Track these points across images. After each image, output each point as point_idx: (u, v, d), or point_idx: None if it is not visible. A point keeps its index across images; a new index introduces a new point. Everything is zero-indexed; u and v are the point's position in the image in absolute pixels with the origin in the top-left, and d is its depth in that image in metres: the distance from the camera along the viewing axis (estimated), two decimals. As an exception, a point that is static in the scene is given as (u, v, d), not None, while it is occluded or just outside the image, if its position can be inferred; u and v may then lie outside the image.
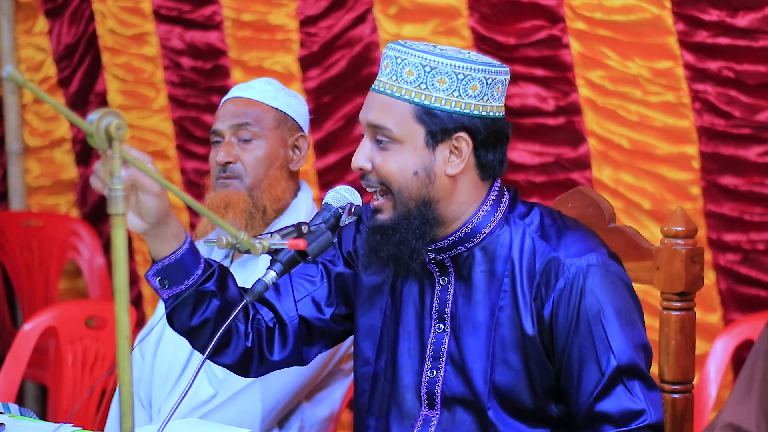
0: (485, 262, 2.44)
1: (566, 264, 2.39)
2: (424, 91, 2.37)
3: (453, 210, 2.43)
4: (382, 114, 2.39)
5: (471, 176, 2.43)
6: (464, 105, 2.38)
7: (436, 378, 2.48)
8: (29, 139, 5.30)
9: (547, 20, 3.98)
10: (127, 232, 1.86)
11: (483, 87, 2.39)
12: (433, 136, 2.38)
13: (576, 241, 2.42)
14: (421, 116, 2.38)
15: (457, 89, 2.37)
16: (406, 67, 2.38)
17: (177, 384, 3.10)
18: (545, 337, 2.41)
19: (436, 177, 2.40)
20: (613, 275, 2.41)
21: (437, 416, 2.49)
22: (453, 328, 2.47)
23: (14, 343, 3.67)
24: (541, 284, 2.40)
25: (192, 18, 4.69)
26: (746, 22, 3.66)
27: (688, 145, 3.83)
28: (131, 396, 1.86)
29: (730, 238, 3.82)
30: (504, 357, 2.42)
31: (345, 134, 4.44)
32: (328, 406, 3.16)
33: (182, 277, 2.37)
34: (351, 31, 4.37)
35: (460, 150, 2.40)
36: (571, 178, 4.03)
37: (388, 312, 2.55)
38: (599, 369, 2.37)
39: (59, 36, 5.10)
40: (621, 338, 2.37)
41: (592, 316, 2.37)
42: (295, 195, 3.19)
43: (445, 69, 2.37)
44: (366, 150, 2.42)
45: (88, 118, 1.84)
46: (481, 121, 2.39)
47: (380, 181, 2.41)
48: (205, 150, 4.68)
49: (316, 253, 2.36)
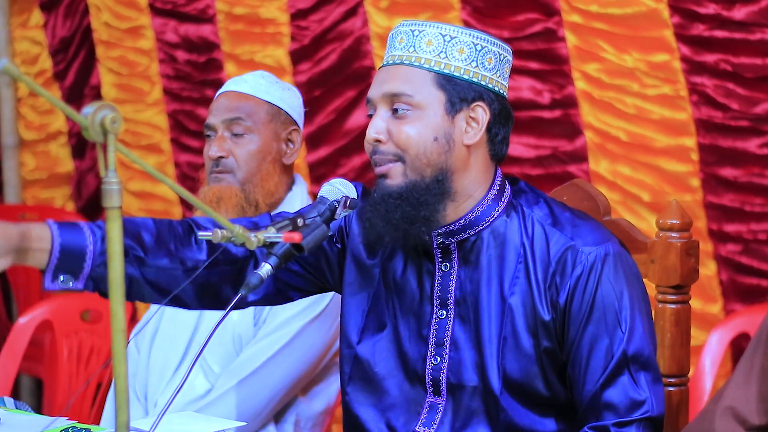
0: (494, 246, 2.44)
1: (584, 252, 2.39)
2: (443, 60, 2.39)
3: (465, 185, 2.43)
4: (400, 82, 2.40)
5: (483, 152, 2.44)
6: (481, 77, 2.41)
7: (440, 365, 2.48)
8: (24, 132, 5.30)
9: (542, 13, 3.98)
10: (121, 225, 1.86)
11: (497, 62, 2.43)
12: (452, 103, 2.39)
13: (591, 231, 2.44)
14: (442, 83, 2.39)
15: (475, 60, 2.40)
16: (425, 38, 2.40)
17: (173, 378, 3.10)
18: (558, 324, 2.41)
19: (455, 144, 2.40)
20: (628, 266, 2.43)
21: (443, 403, 2.49)
22: (459, 314, 2.47)
23: (9, 337, 3.67)
24: (556, 272, 2.41)
25: (186, 11, 4.69)
26: (743, 15, 3.66)
27: (686, 137, 3.84)
28: (127, 389, 1.86)
29: (731, 228, 3.83)
30: (516, 343, 2.42)
31: (336, 128, 4.44)
32: (323, 400, 3.16)
33: (80, 260, 2.33)
34: (342, 25, 4.37)
35: (477, 120, 2.41)
36: (569, 171, 4.03)
37: (378, 297, 2.54)
38: (608, 357, 2.38)
39: (54, 29, 5.10)
40: (633, 327, 2.38)
41: (607, 304, 2.39)
42: (289, 189, 3.19)
43: (465, 39, 2.40)
44: (381, 122, 2.41)
45: (83, 111, 1.84)
46: (495, 96, 2.43)
47: (396, 151, 2.40)
48: (199, 143, 4.68)
49: (312, 246, 2.35)
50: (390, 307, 2.54)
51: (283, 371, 3.02)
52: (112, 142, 1.84)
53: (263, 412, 3.04)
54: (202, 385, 3.07)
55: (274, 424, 3.09)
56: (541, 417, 2.46)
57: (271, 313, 3.06)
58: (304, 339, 3.05)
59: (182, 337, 3.13)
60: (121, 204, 1.87)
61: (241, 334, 3.08)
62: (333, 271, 2.61)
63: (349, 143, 4.42)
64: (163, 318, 3.20)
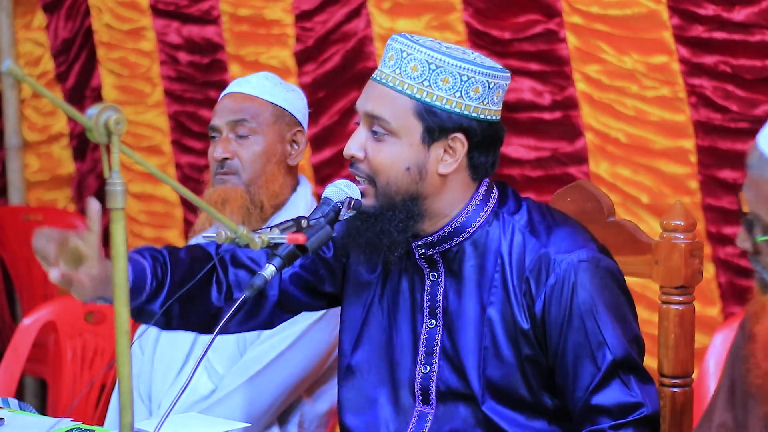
0: (475, 257, 2.44)
1: (557, 260, 2.39)
2: (426, 89, 2.37)
3: (440, 207, 2.42)
4: (381, 105, 2.39)
5: (462, 176, 2.43)
6: (464, 106, 2.38)
7: (430, 373, 2.48)
8: (28, 134, 5.30)
9: (543, 15, 3.98)
10: (125, 226, 1.86)
11: (484, 90, 2.39)
12: (430, 133, 2.38)
13: (566, 237, 2.42)
14: (421, 113, 2.37)
15: (459, 90, 2.37)
16: (411, 63, 2.37)
17: (177, 379, 3.10)
18: (538, 332, 2.41)
19: (427, 174, 2.39)
20: (604, 270, 2.41)
21: (432, 411, 2.49)
22: (445, 323, 2.47)
23: (13, 338, 3.67)
24: (531, 280, 2.40)
25: (189, 12, 4.69)
26: (743, 17, 3.65)
27: (684, 139, 3.83)
28: (131, 390, 1.86)
29: (730, 231, 3.82)
30: (495, 351, 2.42)
31: (340, 129, 4.44)
32: (327, 400, 3.16)
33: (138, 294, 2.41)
34: (345, 26, 4.37)
35: (455, 150, 2.40)
36: (568, 173, 4.02)
37: (374, 307, 2.54)
38: (595, 364, 2.37)
39: (56, 31, 5.10)
40: (614, 332, 2.38)
41: (585, 311, 2.38)
42: (293, 190, 3.19)
43: (450, 69, 2.37)
44: (360, 138, 2.41)
45: (87, 112, 1.84)
46: (479, 124, 2.39)
47: (368, 173, 2.40)
48: (201, 145, 4.67)
49: (316, 247, 2.35)
50: (384, 317, 2.54)
51: (287, 372, 3.02)
52: (116, 144, 1.85)
53: (268, 412, 3.04)
54: (206, 386, 3.07)
55: (278, 424, 3.09)
56: (530, 420, 2.45)
57: (275, 315, 3.06)
58: (308, 340, 3.06)
59: (186, 338, 3.13)
60: (125, 205, 1.88)
61: (245, 335, 3.08)
62: (334, 279, 2.61)
63: (353, 144, 4.42)
64: (167, 319, 3.20)
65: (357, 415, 2.56)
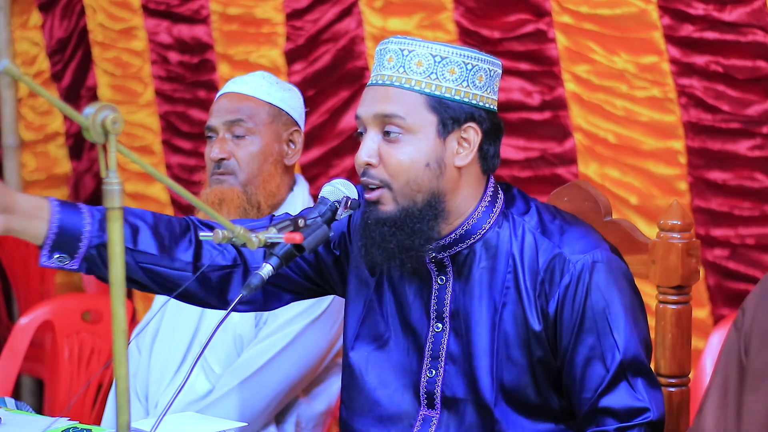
0: (486, 258, 2.43)
1: (571, 260, 2.38)
2: (434, 81, 2.37)
3: (457, 204, 2.42)
4: (392, 104, 2.37)
5: (474, 169, 2.43)
6: (471, 96, 2.38)
7: (435, 378, 2.47)
8: (24, 133, 5.30)
9: (532, 14, 3.97)
10: (122, 226, 1.86)
11: (487, 79, 2.41)
12: (444, 125, 2.37)
13: (579, 238, 2.42)
14: (434, 105, 2.36)
15: (465, 80, 2.37)
16: (414, 59, 2.37)
17: (174, 378, 3.10)
18: (549, 333, 2.41)
19: (446, 168, 2.38)
20: (617, 271, 2.41)
21: (437, 416, 2.48)
22: (453, 327, 2.46)
23: (10, 337, 3.67)
24: (545, 281, 2.40)
25: (179, 12, 4.68)
26: (734, 17, 3.64)
27: (674, 140, 3.82)
28: (128, 390, 1.86)
29: (719, 233, 3.80)
30: (508, 354, 2.42)
31: (329, 128, 4.43)
32: (324, 400, 3.17)
33: (76, 240, 2.34)
34: (336, 25, 4.36)
35: (469, 141, 2.40)
36: (557, 174, 4.01)
37: (374, 306, 2.54)
38: (604, 365, 2.37)
39: (51, 30, 5.10)
40: (626, 334, 2.38)
41: (598, 312, 2.38)
42: (290, 190, 3.19)
43: (456, 59, 2.37)
44: (372, 144, 2.38)
45: (84, 111, 1.84)
46: (486, 113, 2.41)
47: (384, 177, 2.37)
48: (191, 145, 4.66)
49: (313, 246, 2.35)
50: (386, 318, 2.53)
51: (284, 372, 3.02)
52: (113, 143, 1.84)
53: (264, 412, 3.04)
54: (203, 386, 3.07)
55: (275, 424, 3.09)
56: (535, 422, 2.45)
57: (272, 314, 3.06)
58: (305, 340, 3.06)
59: (183, 338, 3.13)
60: (122, 204, 1.88)
61: (242, 334, 3.08)
62: (334, 275, 2.61)
63: (341, 144, 4.40)
64: (164, 318, 3.20)
65: (360, 417, 2.55)
